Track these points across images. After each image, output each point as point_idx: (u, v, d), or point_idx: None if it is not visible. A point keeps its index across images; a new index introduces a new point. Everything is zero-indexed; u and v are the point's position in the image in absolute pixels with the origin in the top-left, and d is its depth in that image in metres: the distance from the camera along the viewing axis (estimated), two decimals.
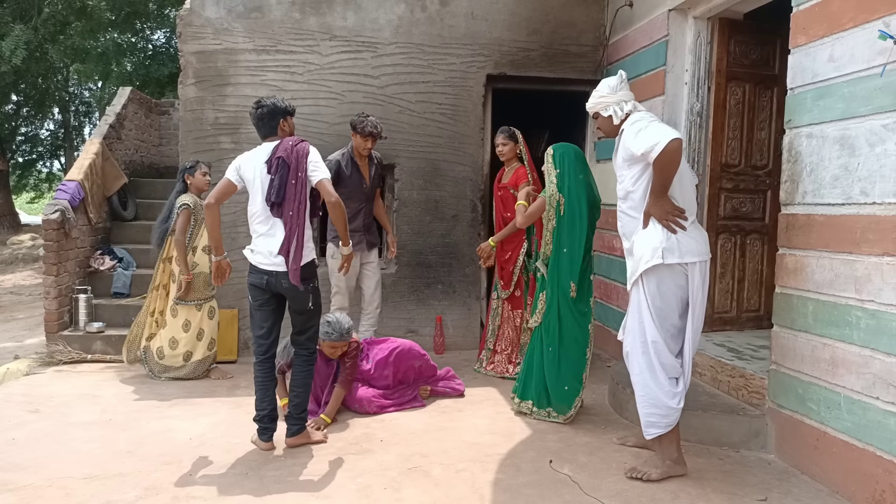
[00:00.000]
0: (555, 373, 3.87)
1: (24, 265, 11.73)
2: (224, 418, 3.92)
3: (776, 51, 4.54)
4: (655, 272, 3.03)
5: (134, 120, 7.92)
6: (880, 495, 2.77)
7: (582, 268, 3.85)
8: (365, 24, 5.43)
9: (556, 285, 3.87)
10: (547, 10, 5.64)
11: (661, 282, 3.04)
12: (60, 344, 5.21)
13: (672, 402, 3.09)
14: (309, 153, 3.39)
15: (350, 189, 4.66)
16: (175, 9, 13.82)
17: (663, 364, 3.09)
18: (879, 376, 2.79)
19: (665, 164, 2.91)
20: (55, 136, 19.44)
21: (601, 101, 3.22)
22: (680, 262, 3.00)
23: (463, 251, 5.67)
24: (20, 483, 3.01)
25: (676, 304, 3.08)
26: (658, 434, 3.12)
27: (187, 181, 4.74)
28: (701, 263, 3.05)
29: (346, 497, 2.93)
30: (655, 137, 2.89)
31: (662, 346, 3.08)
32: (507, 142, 4.81)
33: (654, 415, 3.10)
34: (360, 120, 4.62)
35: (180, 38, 5.29)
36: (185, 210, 4.62)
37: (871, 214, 2.85)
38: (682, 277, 3.04)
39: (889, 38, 2.72)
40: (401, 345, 4.23)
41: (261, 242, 3.39)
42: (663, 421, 3.09)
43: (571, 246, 3.82)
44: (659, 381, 3.09)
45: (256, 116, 3.50)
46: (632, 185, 3.11)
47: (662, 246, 3.00)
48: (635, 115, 3.11)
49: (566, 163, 3.86)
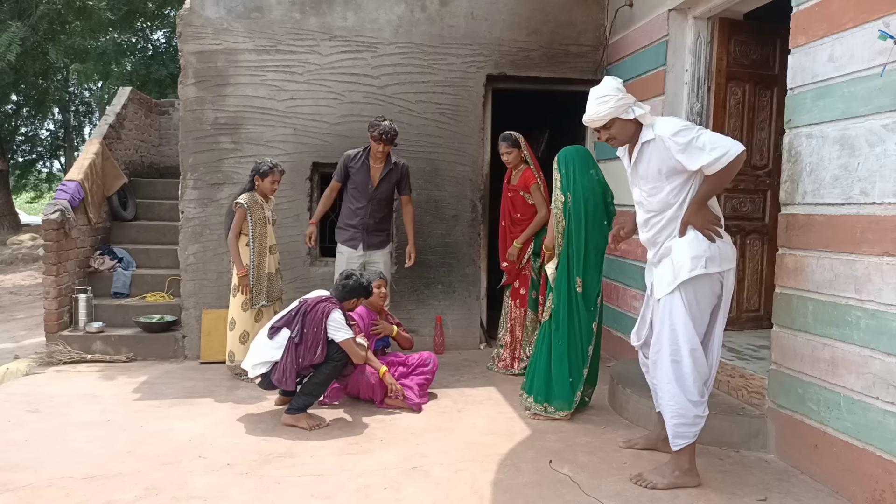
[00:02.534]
0: (560, 366, 3.91)
1: (24, 265, 11.73)
2: (224, 418, 3.92)
3: (776, 51, 4.55)
4: (695, 281, 2.97)
5: (134, 120, 7.92)
6: (880, 495, 2.77)
7: (588, 264, 3.91)
8: (365, 24, 5.43)
9: (564, 281, 3.92)
10: (547, 10, 5.64)
11: (698, 290, 2.99)
12: (60, 344, 5.20)
13: (699, 409, 3.02)
14: (330, 313, 3.78)
15: (354, 186, 4.79)
16: (175, 8, 13.83)
17: (700, 371, 3.03)
18: (879, 376, 2.79)
19: (725, 176, 2.87)
20: (55, 136, 19.45)
21: (622, 104, 2.97)
22: (719, 270, 2.97)
23: (463, 251, 5.68)
24: (20, 483, 3.01)
25: (708, 311, 3.06)
26: (685, 445, 3.03)
27: (256, 182, 4.66)
28: (733, 269, 3.04)
29: (346, 497, 2.93)
30: (722, 146, 2.81)
31: (700, 353, 3.02)
32: (511, 149, 4.82)
33: (681, 425, 3.01)
34: (374, 124, 4.66)
35: (180, 37, 5.29)
36: (239, 209, 4.57)
37: (871, 214, 2.85)
38: (717, 285, 3.01)
39: (889, 38, 2.72)
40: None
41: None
42: (690, 430, 3.02)
43: (578, 242, 3.89)
44: (689, 389, 3.01)
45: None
46: (673, 198, 2.98)
47: (706, 255, 2.94)
48: (667, 124, 2.95)
49: (570, 163, 3.94)
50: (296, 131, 5.41)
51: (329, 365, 3.81)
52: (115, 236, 6.58)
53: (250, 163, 4.97)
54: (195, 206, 5.32)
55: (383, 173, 4.80)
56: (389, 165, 4.82)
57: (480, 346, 5.76)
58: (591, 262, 3.93)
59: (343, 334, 3.76)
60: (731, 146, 2.82)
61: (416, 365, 4.35)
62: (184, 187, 5.34)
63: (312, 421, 3.78)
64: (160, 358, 5.30)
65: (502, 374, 4.93)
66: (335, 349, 3.80)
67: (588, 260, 3.91)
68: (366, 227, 4.84)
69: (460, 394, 4.47)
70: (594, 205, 3.88)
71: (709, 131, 2.92)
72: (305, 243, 4.98)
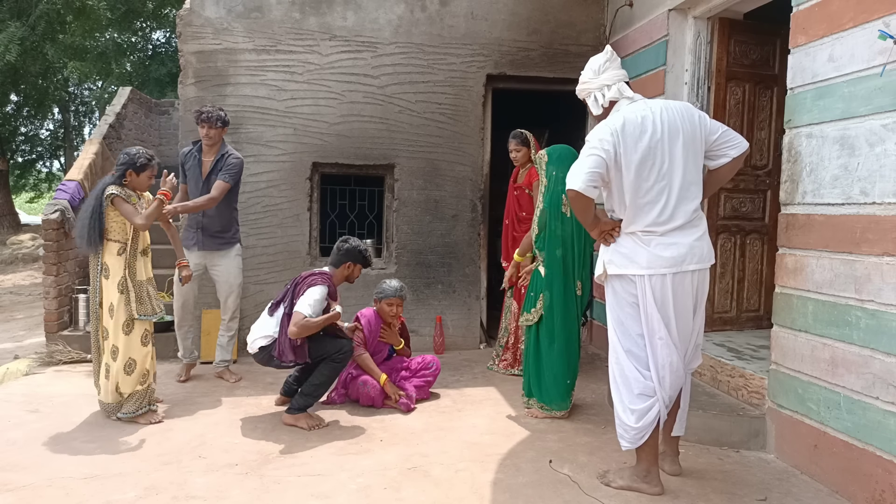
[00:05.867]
0: (559, 368, 3.92)
1: (24, 265, 11.73)
2: (224, 418, 3.92)
3: (776, 51, 4.55)
4: (609, 281, 2.97)
5: (134, 120, 7.94)
6: (880, 495, 2.77)
7: (586, 266, 3.95)
8: (365, 23, 5.43)
9: (560, 283, 3.92)
10: (547, 10, 5.64)
11: (614, 290, 2.96)
12: (60, 344, 5.20)
13: (628, 418, 2.90)
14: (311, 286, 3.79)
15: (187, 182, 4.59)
16: (174, 8, 13.83)
17: (626, 377, 2.94)
18: (879, 376, 2.79)
19: (573, 206, 2.86)
20: (55, 136, 19.45)
21: (583, 87, 2.98)
22: (621, 273, 2.89)
23: (463, 251, 5.68)
24: (20, 483, 3.01)
25: (634, 316, 2.90)
26: (626, 447, 2.97)
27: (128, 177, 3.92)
28: (654, 277, 2.80)
29: (346, 497, 2.93)
30: (571, 171, 2.77)
31: (623, 357, 2.95)
32: (521, 147, 4.85)
33: (618, 426, 2.98)
34: (197, 109, 4.53)
35: (180, 37, 5.29)
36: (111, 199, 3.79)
37: (871, 214, 2.85)
38: (632, 286, 2.87)
39: (889, 38, 2.72)
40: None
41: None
42: (626, 434, 2.93)
43: (580, 245, 3.93)
44: (620, 392, 2.96)
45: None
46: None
47: (605, 258, 2.95)
48: (595, 130, 2.83)
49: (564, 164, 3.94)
50: (296, 131, 5.41)
51: (329, 366, 3.81)
52: None
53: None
54: None
55: (212, 165, 4.49)
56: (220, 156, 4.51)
57: (480, 346, 5.76)
58: (589, 264, 3.99)
59: (303, 307, 3.68)
60: (569, 180, 2.76)
61: (419, 368, 4.36)
62: None
63: (312, 421, 3.79)
64: (160, 358, 5.26)
65: (503, 374, 4.93)
66: (335, 348, 3.81)
67: (587, 262, 3.97)
68: (202, 226, 4.55)
69: (460, 394, 4.47)
70: None
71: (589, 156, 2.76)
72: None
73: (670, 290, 2.82)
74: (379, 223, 5.96)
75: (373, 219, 5.97)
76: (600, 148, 2.76)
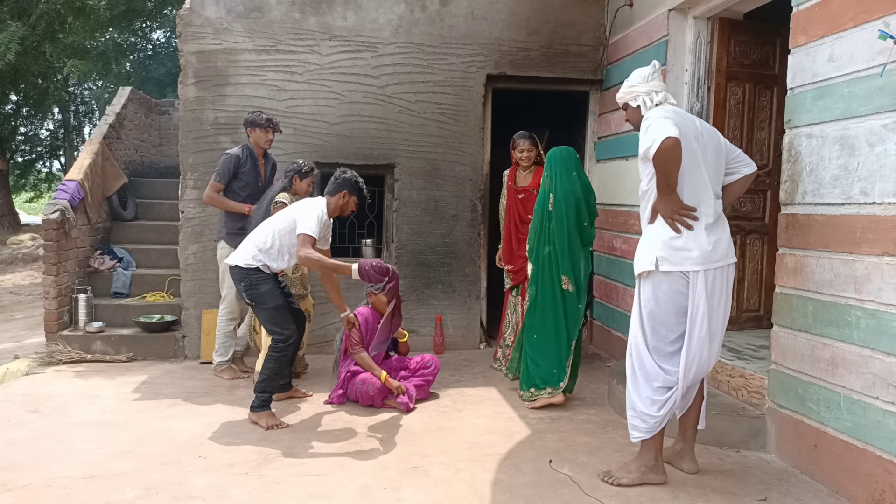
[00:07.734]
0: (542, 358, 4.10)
1: (24, 265, 11.72)
2: (224, 418, 3.92)
3: (776, 51, 4.55)
4: (652, 277, 2.95)
5: (134, 120, 7.93)
6: (880, 495, 2.77)
7: (575, 263, 4.05)
8: (365, 24, 5.43)
9: (546, 278, 4.08)
10: (547, 10, 5.64)
11: (656, 287, 2.94)
12: (60, 344, 5.20)
13: (648, 408, 2.97)
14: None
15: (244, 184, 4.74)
16: (174, 8, 13.83)
17: (646, 371, 2.99)
18: (879, 376, 2.79)
19: (660, 164, 2.79)
20: (55, 136, 19.42)
21: (631, 91, 3.10)
22: (674, 270, 2.88)
23: (463, 251, 5.67)
24: (20, 483, 3.01)
25: (673, 312, 2.94)
26: (640, 438, 3.04)
27: (294, 182, 4.55)
28: (707, 272, 2.87)
29: (346, 497, 2.93)
30: (652, 136, 2.77)
31: (646, 353, 2.99)
32: (533, 147, 4.80)
33: (634, 417, 3.04)
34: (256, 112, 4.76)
35: (180, 37, 5.29)
36: (280, 206, 4.31)
37: (871, 214, 2.85)
38: (681, 283, 2.91)
39: (889, 37, 2.72)
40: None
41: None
42: (643, 425, 3.01)
43: (561, 242, 4.04)
44: (638, 384, 3.01)
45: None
46: (646, 184, 2.98)
47: (659, 254, 2.89)
48: (650, 112, 2.93)
49: (553, 165, 4.14)
50: (296, 131, 5.41)
51: (271, 357, 3.81)
52: (115, 236, 6.57)
53: None
54: (195, 206, 5.31)
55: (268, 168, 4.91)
56: (268, 159, 4.94)
57: (480, 346, 5.76)
58: (579, 261, 4.07)
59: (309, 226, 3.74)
60: (658, 136, 2.72)
61: (418, 367, 4.36)
62: (184, 187, 5.34)
63: (272, 420, 3.78)
64: (160, 358, 5.30)
65: (504, 374, 4.90)
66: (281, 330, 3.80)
67: (574, 258, 4.05)
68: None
69: (460, 394, 4.47)
70: (575, 206, 4.05)
71: (664, 120, 2.78)
72: None
73: (717, 284, 2.92)
74: (379, 223, 5.97)
75: (373, 219, 5.97)
76: (669, 120, 2.79)
